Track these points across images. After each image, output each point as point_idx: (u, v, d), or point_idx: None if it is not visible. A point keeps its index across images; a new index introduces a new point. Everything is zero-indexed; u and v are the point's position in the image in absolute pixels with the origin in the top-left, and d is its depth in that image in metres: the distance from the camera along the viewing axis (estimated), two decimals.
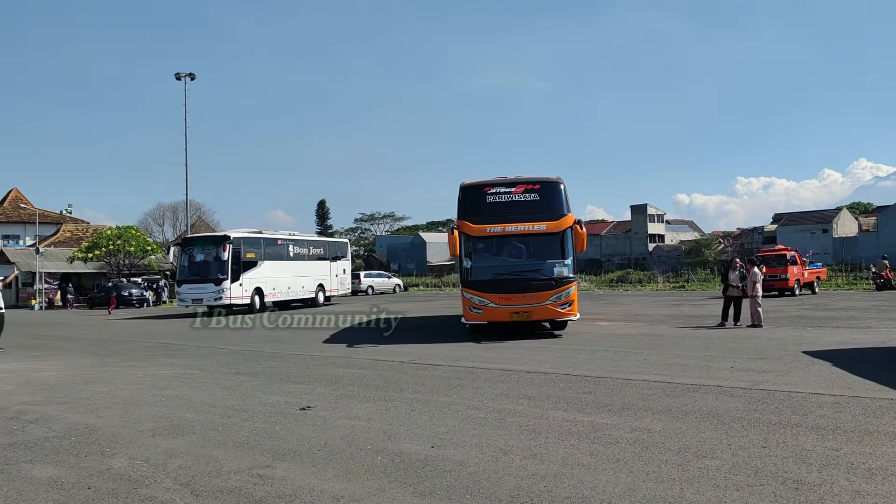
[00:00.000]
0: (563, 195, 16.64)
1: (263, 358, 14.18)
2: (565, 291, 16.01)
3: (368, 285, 54.59)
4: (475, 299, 16.10)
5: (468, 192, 16.98)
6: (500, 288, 15.96)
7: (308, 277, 35.29)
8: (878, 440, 6.27)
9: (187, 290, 30.49)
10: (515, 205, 16.41)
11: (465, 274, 16.44)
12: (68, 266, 51.07)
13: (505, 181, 16.94)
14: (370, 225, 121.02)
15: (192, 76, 48.21)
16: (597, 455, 6.03)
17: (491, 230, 16.15)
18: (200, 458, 6.33)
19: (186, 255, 31.52)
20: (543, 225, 16.12)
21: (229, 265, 29.88)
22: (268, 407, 8.77)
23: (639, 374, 10.56)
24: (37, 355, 16.13)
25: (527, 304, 15.85)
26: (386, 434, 7.07)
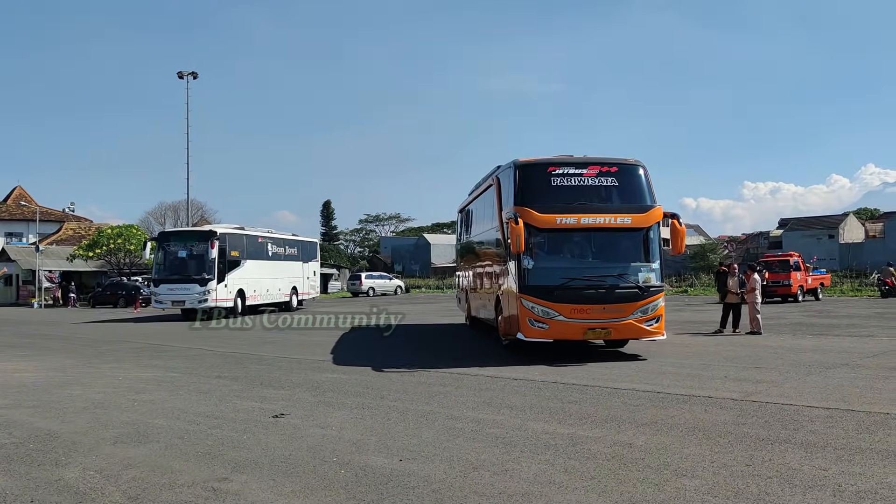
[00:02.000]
0: (646, 182, 13.43)
1: (249, 361, 13.90)
2: (653, 304, 12.73)
3: (370, 287, 54.45)
4: (538, 310, 12.56)
5: (527, 172, 13.47)
6: (574, 297, 12.49)
7: (284, 279, 33.22)
8: (869, 459, 5.94)
9: (166, 290, 27.65)
10: (588, 191, 13.17)
11: (523, 276, 12.78)
12: (69, 264, 50.92)
13: (573, 160, 13.51)
14: (375, 226, 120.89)
15: (194, 75, 48.10)
16: (571, 472, 5.71)
17: (562, 221, 12.72)
18: (157, 469, 6.04)
19: (165, 251, 28.35)
20: (628, 217, 12.86)
21: (216, 264, 27.32)
22: (240, 413, 8.49)
23: (628, 382, 10.23)
24: (23, 355, 15.91)
25: (606, 319, 12.46)
26: (355, 445, 6.77)
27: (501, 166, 14.97)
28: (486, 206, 16.62)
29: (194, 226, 48.93)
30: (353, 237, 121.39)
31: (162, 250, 28.43)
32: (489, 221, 15.92)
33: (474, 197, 19.02)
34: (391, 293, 55.30)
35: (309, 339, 18.82)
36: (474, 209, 19.10)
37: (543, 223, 12.75)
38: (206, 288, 27.14)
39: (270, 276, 31.56)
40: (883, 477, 5.42)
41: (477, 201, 18.46)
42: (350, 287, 56.43)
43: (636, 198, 13.27)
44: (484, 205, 17.02)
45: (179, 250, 28.16)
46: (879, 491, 5.10)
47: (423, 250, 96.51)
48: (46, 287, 48.75)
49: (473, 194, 19.39)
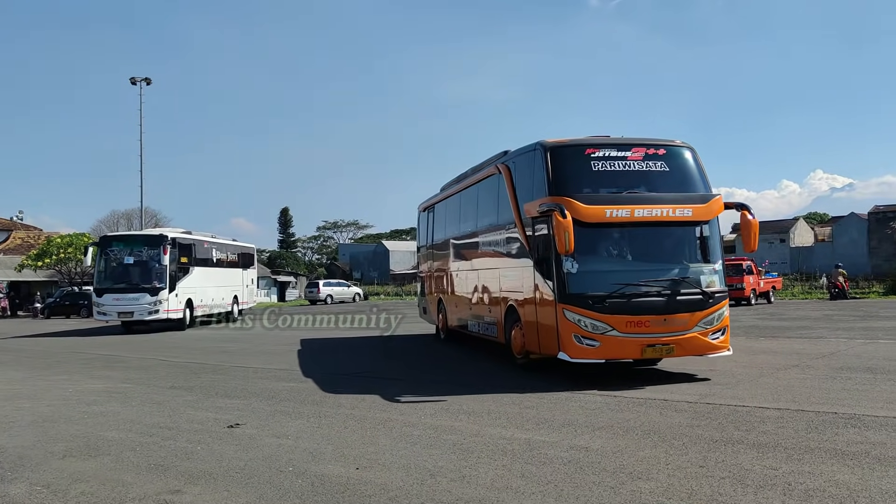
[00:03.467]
0: (699, 167, 11.40)
1: (205, 371, 13.69)
2: (718, 313, 10.70)
3: (328, 294, 54.16)
4: (586, 323, 10.22)
5: (561, 155, 11.10)
6: (630, 307, 10.27)
7: (227, 287, 31.11)
8: (818, 458, 6.07)
9: (111, 301, 25.00)
10: (634, 178, 11.01)
11: (564, 282, 10.38)
12: (17, 274, 49.62)
13: (614, 141, 11.29)
14: (333, 233, 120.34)
15: (147, 81, 47.35)
16: (528, 477, 5.73)
17: (612, 214, 10.43)
18: (107, 483, 5.91)
19: (109, 257, 25.78)
20: (688, 209, 10.73)
21: (167, 271, 25.12)
22: (195, 424, 8.35)
23: (585, 387, 10.31)
24: None
25: (668, 333, 10.32)
26: (312, 454, 6.71)
27: (511, 152, 12.96)
28: (483, 200, 14.50)
29: None
30: (311, 244, 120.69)
31: (105, 256, 25.84)
32: (489, 217, 13.85)
33: (456, 191, 16.77)
34: (349, 300, 55.00)
35: (266, 348, 18.60)
36: (457, 205, 16.65)
37: (590, 216, 10.36)
38: (157, 298, 24.99)
39: (215, 284, 29.78)
40: (831, 475, 5.54)
41: (463, 196, 16.16)
42: (308, 295, 56.04)
43: (690, 186, 11.19)
44: (478, 199, 14.90)
45: (126, 256, 25.76)
46: (828, 489, 5.21)
47: (382, 257, 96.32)
48: None
49: (453, 189, 17.18)
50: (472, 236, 15.15)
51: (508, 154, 13.17)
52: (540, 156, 11.22)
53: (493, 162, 13.87)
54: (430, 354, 16.35)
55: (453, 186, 17.29)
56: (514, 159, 12.66)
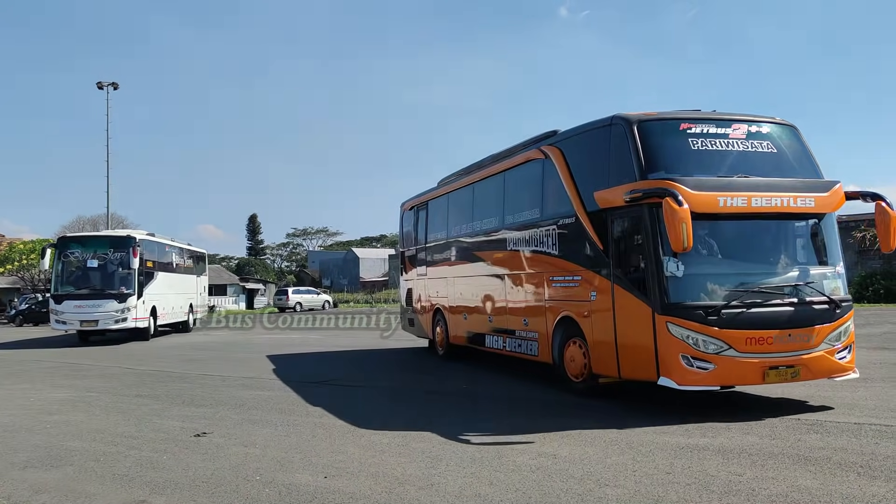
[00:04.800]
0: (808, 149, 9.67)
1: (171, 379, 13.52)
2: (845, 326, 8.85)
3: (297, 301, 53.83)
4: (698, 341, 8.21)
5: (653, 131, 9.18)
6: (751, 319, 8.35)
7: (184, 294, 29.02)
8: (781, 463, 6.16)
9: (73, 308, 22.58)
10: (740, 160, 9.14)
11: (666, 289, 8.40)
12: None
13: (710, 116, 9.48)
14: (303, 240, 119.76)
15: (114, 85, 46.61)
16: (495, 484, 5.75)
17: (727, 203, 8.51)
18: (70, 494, 5.82)
19: (69, 260, 23.43)
20: (809, 198, 8.85)
21: (136, 275, 22.97)
22: (160, 433, 8.24)
23: (557, 392, 10.37)
24: None
25: (793, 352, 8.44)
26: (279, 463, 6.66)
27: (564, 131, 10.98)
28: (514, 192, 12.44)
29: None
30: (280, 251, 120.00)
31: (65, 259, 23.40)
32: (525, 212, 11.80)
33: (465, 184, 14.68)
34: (319, 308, 54.71)
35: (235, 356, 18.43)
36: (467, 200, 14.56)
37: (700, 206, 8.26)
38: (125, 305, 22.73)
39: (174, 290, 27.68)
40: (794, 481, 5.63)
41: (478, 188, 14.08)
42: (277, 302, 55.64)
43: (800, 171, 9.33)
44: (505, 191, 12.75)
45: (89, 259, 23.34)
46: (790, 494, 5.30)
47: (352, 264, 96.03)
48: None
49: (459, 182, 15.06)
50: (494, 235, 12.94)
51: (560, 134, 11.10)
52: (621, 131, 9.21)
53: (534, 145, 11.77)
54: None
55: (460, 179, 15.11)
56: (573, 139, 10.66)
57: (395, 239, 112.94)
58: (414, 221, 17.88)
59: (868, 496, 5.23)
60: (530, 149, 11.81)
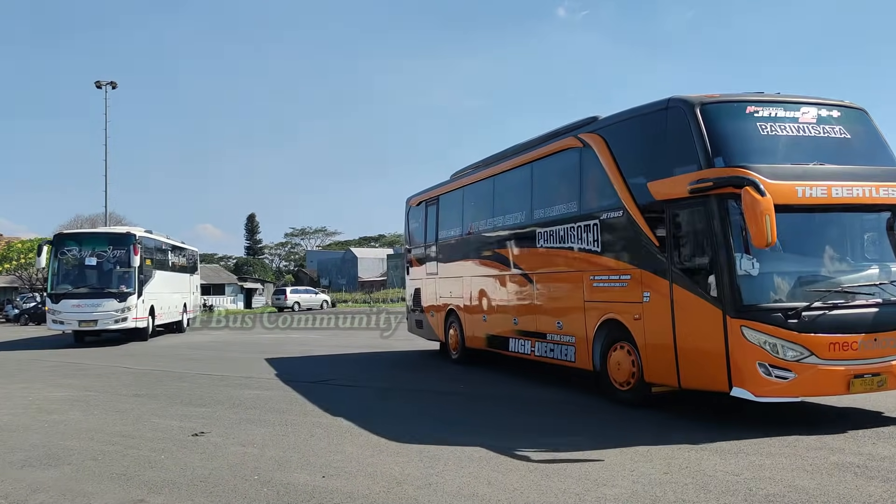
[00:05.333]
0: (881, 136, 8.91)
1: (169, 378, 13.52)
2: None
3: (295, 301, 53.86)
4: (778, 347, 7.45)
5: (718, 114, 8.32)
6: (834, 322, 7.60)
7: (178, 294, 28.13)
8: (778, 463, 6.18)
9: (71, 308, 21.62)
10: (810, 146, 8.40)
11: (739, 289, 7.64)
12: None
13: (776, 98, 8.64)
14: (301, 239, 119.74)
15: (113, 84, 46.51)
16: (494, 484, 5.75)
17: (805, 193, 7.81)
18: (67, 493, 5.81)
19: (67, 257, 22.50)
20: (893, 188, 8.21)
21: (136, 274, 22.21)
22: (158, 433, 8.23)
23: (560, 392, 10.39)
24: None
25: (879, 359, 7.70)
26: (277, 462, 6.66)
27: (608, 116, 10.07)
28: (546, 184, 11.54)
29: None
30: (279, 251, 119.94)
31: (62, 257, 22.51)
32: (561, 204, 10.81)
33: (485, 176, 13.63)
34: (317, 307, 54.69)
35: (233, 355, 18.43)
36: (487, 193, 13.47)
37: (778, 196, 7.48)
38: (125, 304, 21.88)
39: (171, 290, 27.00)
40: (790, 481, 5.64)
41: (500, 181, 13.08)
42: (275, 302, 55.67)
43: (876, 158, 8.57)
44: (535, 182, 11.77)
45: (88, 257, 22.48)
46: (787, 494, 5.30)
47: (350, 264, 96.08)
48: None
49: (478, 174, 14.04)
50: (520, 230, 11.96)
51: (601, 120, 10.13)
52: (681, 115, 8.39)
53: (568, 133, 10.76)
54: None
55: (479, 171, 14.09)
56: (618, 126, 9.77)
57: (393, 239, 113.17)
58: (423, 217, 16.66)
59: (864, 496, 5.24)
60: (564, 137, 10.78)
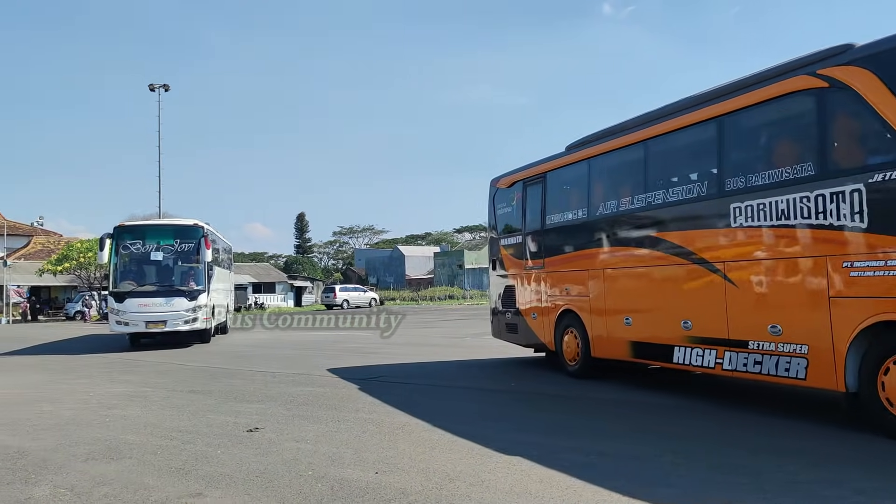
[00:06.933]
0: None
1: (223, 375, 13.78)
2: None
3: (344, 299, 54.42)
4: None
5: None
6: None
7: (225, 292, 26.50)
8: (838, 463, 6.04)
9: (136, 307, 19.79)
10: None
11: None
12: (38, 279, 50.18)
13: None
14: (349, 238, 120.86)
15: (166, 87, 47.67)
16: (546, 481, 5.73)
17: None
18: (129, 486, 5.97)
19: (130, 252, 20.69)
20: None
21: (205, 270, 20.54)
22: (214, 428, 8.40)
23: (621, 392, 10.30)
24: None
25: None
26: (331, 458, 6.74)
27: (862, 45, 7.42)
28: (746, 143, 8.97)
29: None
30: (327, 250, 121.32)
31: (124, 252, 20.63)
32: (769, 170, 8.22)
33: (629, 142, 10.81)
34: (366, 305, 55.12)
35: (283, 353, 18.70)
36: (636, 163, 10.66)
37: None
38: (196, 303, 20.17)
39: (223, 287, 25.46)
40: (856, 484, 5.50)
41: (655, 145, 10.33)
42: (324, 300, 56.34)
43: None
44: (724, 142, 9.03)
45: (153, 251, 20.68)
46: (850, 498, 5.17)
47: (398, 262, 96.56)
48: (15, 302, 47.96)
49: (613, 142, 11.24)
50: (701, 206, 9.25)
51: (865, 48, 7.38)
52: None
53: (795, 71, 8.12)
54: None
55: (616, 137, 11.28)
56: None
57: (440, 237, 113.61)
58: (519, 200, 14.00)
59: None
60: (788, 76, 8.21)
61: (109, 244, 20.29)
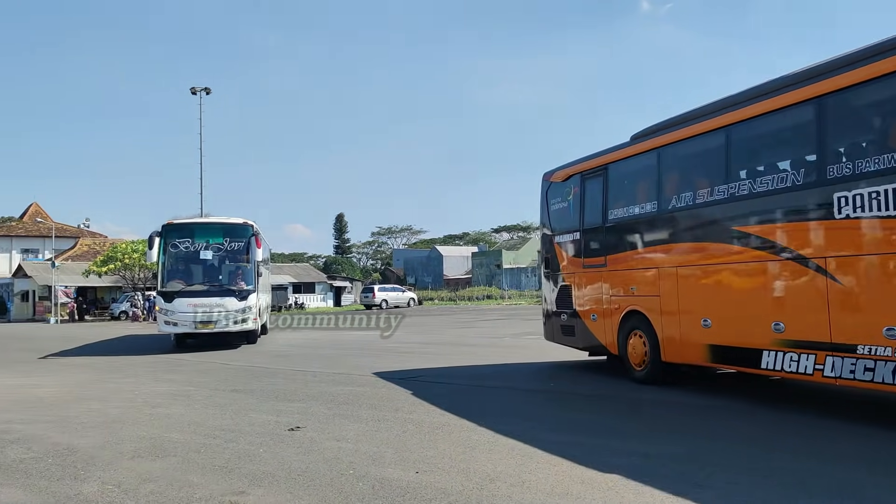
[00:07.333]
0: None
1: (264, 374, 13.94)
2: None
3: (382, 299, 54.69)
4: None
5: None
6: None
7: (267, 292, 25.85)
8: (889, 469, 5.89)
9: (186, 307, 19.29)
10: None
11: None
12: (84, 279, 51.30)
13: None
14: (387, 238, 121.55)
15: (207, 90, 48.43)
16: (588, 482, 5.69)
17: None
18: (174, 483, 6.06)
19: (179, 250, 20.25)
20: None
21: (255, 269, 20.10)
22: (256, 427, 8.50)
23: (655, 393, 10.19)
24: (41, 370, 16.06)
25: None
26: (372, 458, 6.77)
27: None
28: (857, 122, 8.18)
29: None
30: (366, 250, 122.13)
31: (173, 250, 20.24)
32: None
33: (708, 128, 9.86)
34: (404, 305, 55.34)
35: (323, 353, 18.85)
36: (721, 147, 9.59)
37: None
38: (246, 303, 19.73)
39: (266, 288, 24.92)
40: None
41: (739, 131, 9.34)
42: (363, 299, 56.74)
43: None
44: (828, 124, 8.08)
45: (203, 250, 20.18)
46: None
47: (436, 262, 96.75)
48: (62, 302, 49.13)
49: (686, 130, 10.32)
50: (800, 196, 8.28)
51: None
52: None
53: None
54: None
55: (690, 124, 10.29)
56: None
57: (478, 237, 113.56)
58: (576, 195, 13.01)
59: None
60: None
61: (158, 242, 19.80)
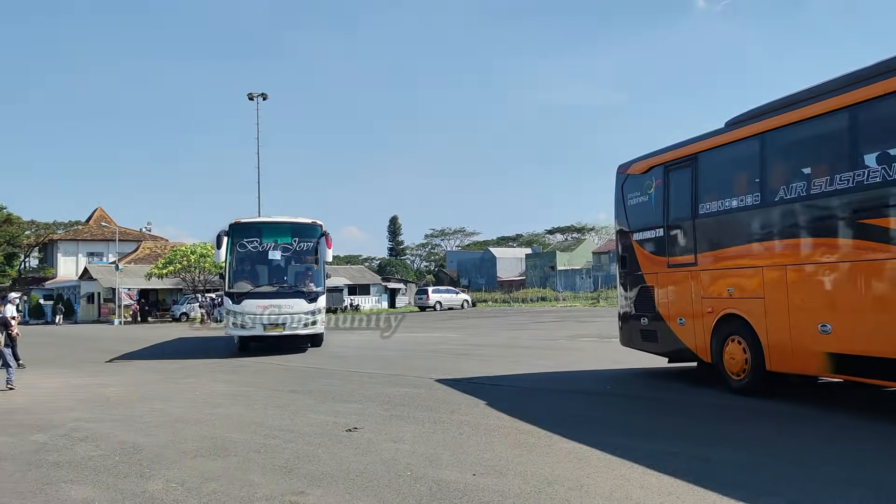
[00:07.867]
0: None
1: (320, 375, 14.11)
2: None
3: (436, 301, 54.83)
4: None
5: None
6: None
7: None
8: None
9: (255, 308, 18.54)
10: None
11: None
12: (146, 282, 52.68)
13: None
14: (441, 240, 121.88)
15: (264, 96, 49.22)
16: (647, 487, 5.60)
17: None
18: (236, 482, 6.18)
19: (247, 250, 19.61)
20: None
21: (324, 271, 19.62)
22: (314, 427, 8.60)
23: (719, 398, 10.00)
24: (107, 370, 16.54)
25: None
26: (429, 459, 6.79)
27: None
28: None
29: None
30: (420, 252, 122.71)
31: (241, 250, 19.54)
32: None
33: (827, 109, 8.64)
34: (458, 307, 55.40)
35: (378, 354, 19.00)
36: (844, 131, 8.49)
37: None
38: (316, 305, 19.01)
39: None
40: None
41: (869, 110, 8.16)
42: (417, 301, 56.94)
43: None
44: None
45: (272, 249, 19.56)
46: None
47: (489, 264, 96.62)
48: (126, 304, 50.54)
49: (797, 113, 9.13)
50: None
51: None
52: None
53: None
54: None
55: (798, 107, 9.15)
56: None
57: (531, 238, 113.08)
58: (659, 188, 11.93)
59: None
60: None
61: (226, 242, 19.06)
